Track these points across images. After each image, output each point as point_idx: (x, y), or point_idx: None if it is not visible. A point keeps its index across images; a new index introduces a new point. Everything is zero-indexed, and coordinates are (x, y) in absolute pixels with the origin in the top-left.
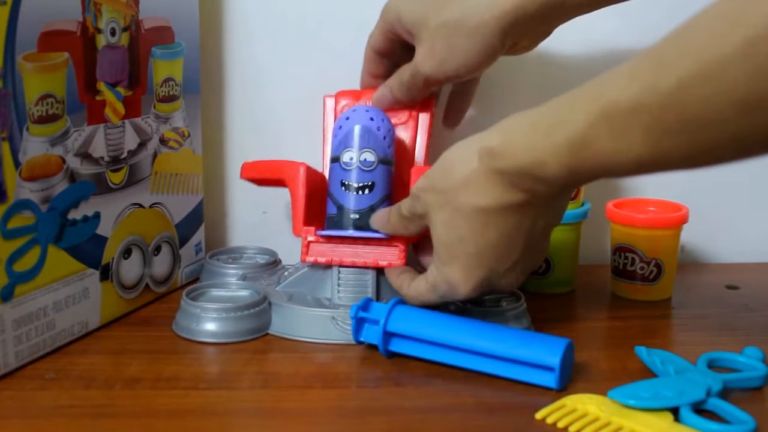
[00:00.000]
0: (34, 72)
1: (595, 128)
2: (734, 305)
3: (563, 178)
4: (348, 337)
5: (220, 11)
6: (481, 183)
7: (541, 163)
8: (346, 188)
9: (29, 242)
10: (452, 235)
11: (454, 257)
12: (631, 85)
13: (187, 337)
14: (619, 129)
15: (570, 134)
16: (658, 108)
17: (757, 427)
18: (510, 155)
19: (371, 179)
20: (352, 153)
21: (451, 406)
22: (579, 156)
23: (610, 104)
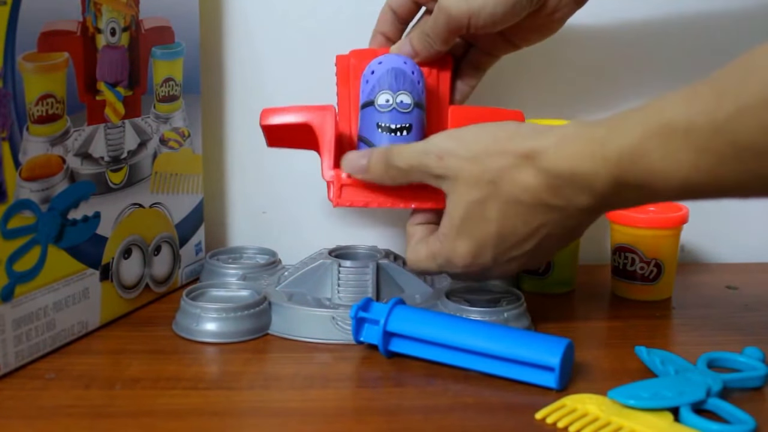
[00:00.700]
0: (34, 72)
1: (648, 143)
2: (734, 305)
3: (608, 191)
4: (348, 337)
5: (220, 11)
6: (527, 178)
7: (592, 173)
8: (382, 129)
9: (29, 242)
10: (479, 214)
11: (471, 234)
12: (688, 106)
13: (187, 337)
14: (670, 148)
15: (623, 146)
16: (713, 132)
17: (757, 427)
18: (562, 160)
19: (409, 121)
20: (388, 95)
21: (451, 406)
22: (627, 168)
23: (665, 122)
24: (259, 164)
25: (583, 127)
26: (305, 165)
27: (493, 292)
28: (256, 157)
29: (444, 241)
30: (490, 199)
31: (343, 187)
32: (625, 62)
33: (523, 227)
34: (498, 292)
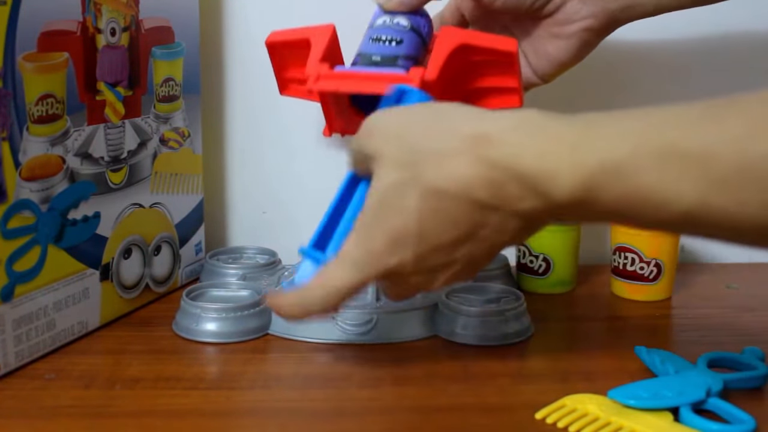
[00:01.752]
0: (34, 72)
1: (641, 161)
2: (734, 305)
3: (568, 202)
4: (348, 336)
5: (220, 11)
6: (458, 166)
7: (552, 175)
8: (374, 41)
9: (29, 242)
10: (397, 201)
11: (387, 222)
12: (705, 131)
13: (187, 337)
14: (673, 173)
15: (605, 157)
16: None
17: (757, 427)
18: (513, 151)
19: (400, 36)
20: (387, 17)
21: (451, 406)
22: (607, 183)
23: (669, 142)
24: (259, 164)
25: (548, 120)
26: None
27: (493, 292)
28: (256, 157)
29: (359, 230)
30: (409, 185)
31: (320, 77)
32: (626, 60)
33: (451, 227)
34: (498, 292)
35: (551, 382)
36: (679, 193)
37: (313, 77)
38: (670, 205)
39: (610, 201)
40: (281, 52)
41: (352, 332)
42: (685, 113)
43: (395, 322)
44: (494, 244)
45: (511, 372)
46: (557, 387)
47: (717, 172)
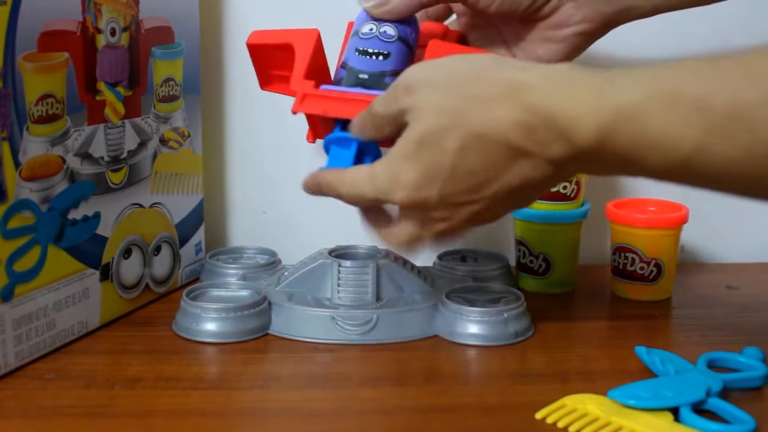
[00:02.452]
0: (34, 72)
1: (650, 105)
2: (734, 305)
3: (589, 146)
4: (348, 336)
5: (220, 11)
6: (500, 111)
7: (576, 119)
8: (360, 53)
9: (29, 242)
10: (437, 142)
11: (421, 160)
12: (705, 81)
13: (187, 337)
14: (675, 118)
15: (621, 101)
16: (730, 117)
17: (757, 427)
18: (548, 97)
19: (387, 49)
20: (373, 25)
21: (451, 406)
22: (620, 127)
23: (674, 89)
24: (259, 164)
25: (577, 70)
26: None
27: (493, 292)
28: (256, 157)
29: (390, 160)
30: (453, 129)
31: (305, 97)
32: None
33: (482, 170)
34: (498, 292)
35: (551, 382)
36: (681, 137)
37: (299, 98)
38: (672, 150)
39: (624, 145)
40: (263, 52)
41: (352, 332)
42: (693, 64)
43: (395, 322)
44: (521, 189)
45: (511, 372)
46: (557, 387)
47: (711, 118)
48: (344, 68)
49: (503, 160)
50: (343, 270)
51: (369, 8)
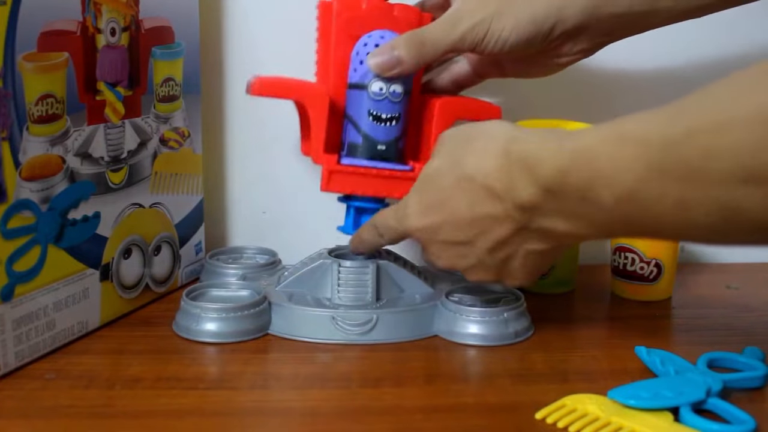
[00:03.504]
0: (34, 72)
1: (600, 147)
2: (734, 305)
3: (549, 182)
4: (348, 337)
5: (220, 11)
6: (489, 158)
7: (541, 158)
8: (374, 119)
9: (29, 242)
10: (437, 180)
11: (423, 191)
12: (646, 122)
13: (187, 338)
14: (620, 155)
15: (579, 143)
16: (662, 148)
17: (757, 427)
18: (526, 145)
19: (398, 111)
20: (382, 83)
21: (451, 406)
22: (576, 166)
23: (620, 132)
24: (259, 164)
25: (556, 130)
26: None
27: (493, 292)
28: (256, 157)
29: (403, 199)
30: (450, 170)
31: (331, 175)
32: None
33: (466, 210)
34: (498, 293)
35: (551, 382)
36: (626, 171)
37: (325, 176)
38: (619, 185)
39: (579, 182)
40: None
41: (352, 332)
42: (641, 112)
43: (395, 322)
44: (502, 243)
45: (511, 372)
46: (557, 387)
47: (650, 154)
48: (353, 125)
49: (482, 205)
50: (343, 270)
51: (380, 72)
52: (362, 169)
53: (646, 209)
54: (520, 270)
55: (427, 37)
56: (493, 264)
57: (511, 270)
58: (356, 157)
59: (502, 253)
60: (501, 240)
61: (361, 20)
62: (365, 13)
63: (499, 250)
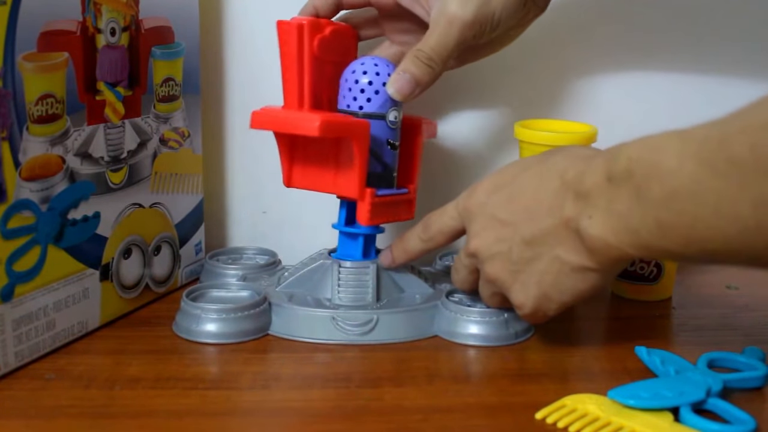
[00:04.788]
0: (34, 72)
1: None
2: (734, 305)
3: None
4: (348, 337)
5: (220, 11)
6: (575, 157)
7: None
8: (391, 147)
9: (29, 242)
10: (521, 163)
11: (500, 173)
12: (710, 124)
13: (187, 338)
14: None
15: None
16: (717, 144)
17: (757, 427)
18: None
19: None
20: (397, 111)
21: (451, 406)
22: (640, 152)
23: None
24: (259, 164)
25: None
26: None
27: None
28: (256, 157)
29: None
30: (536, 160)
31: (372, 207)
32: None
33: (530, 190)
34: None
35: (551, 382)
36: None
37: (368, 209)
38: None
39: (639, 173)
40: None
41: (352, 332)
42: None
43: (395, 323)
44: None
45: (511, 372)
46: (557, 387)
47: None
48: (377, 159)
49: (548, 189)
50: (343, 270)
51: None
52: (388, 198)
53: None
54: (535, 281)
55: (432, 48)
56: (518, 260)
57: (527, 277)
58: (381, 186)
59: (534, 251)
60: (542, 232)
61: (328, 43)
62: (330, 36)
63: (534, 245)
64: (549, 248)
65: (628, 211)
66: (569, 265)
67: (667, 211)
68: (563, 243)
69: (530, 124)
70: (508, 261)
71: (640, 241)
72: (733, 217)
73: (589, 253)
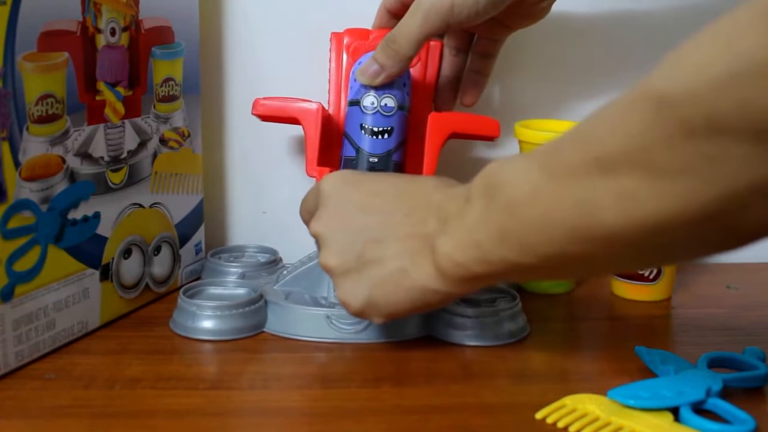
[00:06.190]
0: (34, 72)
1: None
2: (734, 305)
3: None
4: (342, 335)
5: (220, 11)
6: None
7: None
8: (365, 131)
9: (29, 242)
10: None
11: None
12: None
13: (183, 335)
14: (521, 162)
15: (504, 161)
16: (549, 152)
17: (757, 427)
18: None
19: (390, 124)
20: (373, 97)
21: (451, 406)
22: (492, 168)
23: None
24: (259, 164)
25: None
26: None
27: (489, 291)
28: (256, 157)
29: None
30: (402, 178)
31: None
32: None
33: (391, 184)
34: (494, 292)
35: (551, 382)
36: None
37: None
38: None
39: (492, 184)
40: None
41: (346, 331)
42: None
43: (390, 322)
44: (389, 240)
45: (511, 372)
46: (557, 387)
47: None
48: (349, 142)
49: (412, 188)
50: None
51: (368, 82)
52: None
53: (523, 215)
54: (369, 284)
55: (397, 34)
56: (358, 256)
57: (361, 278)
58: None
59: (379, 253)
60: (395, 238)
61: (368, 49)
62: (373, 42)
63: (382, 247)
64: (397, 257)
65: (474, 223)
66: (414, 282)
67: (508, 217)
68: (414, 258)
69: (530, 124)
70: (346, 253)
71: (483, 255)
72: (560, 219)
73: (439, 274)
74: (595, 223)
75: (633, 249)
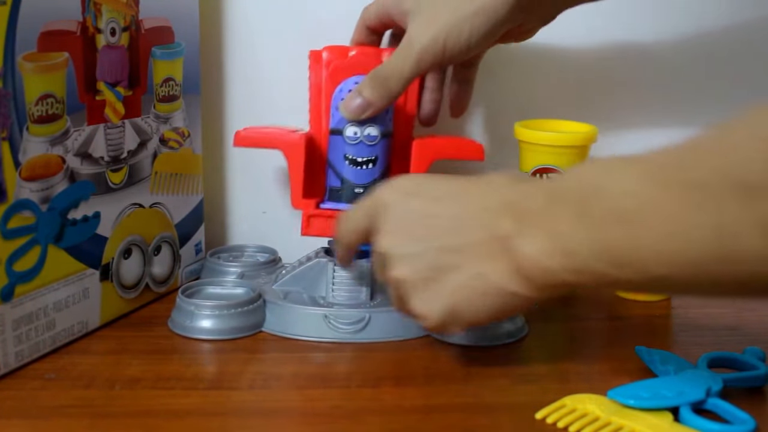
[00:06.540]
0: (34, 72)
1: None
2: (734, 305)
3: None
4: (340, 335)
5: (220, 11)
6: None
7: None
8: (350, 162)
9: (29, 242)
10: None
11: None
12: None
13: (181, 334)
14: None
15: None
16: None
17: (757, 427)
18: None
19: (374, 154)
20: (356, 128)
21: (451, 406)
22: (581, 170)
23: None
24: (259, 164)
25: None
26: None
27: None
28: (256, 157)
29: None
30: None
31: (310, 219)
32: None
33: (460, 186)
34: None
35: (551, 382)
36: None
37: (304, 220)
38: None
39: (581, 191)
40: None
41: (345, 331)
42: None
43: (387, 322)
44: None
45: (511, 372)
46: (557, 387)
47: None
48: (333, 171)
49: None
50: (338, 269)
51: (353, 117)
52: (332, 212)
53: (632, 232)
54: (449, 292)
55: (388, 72)
56: (432, 266)
57: (439, 286)
58: (337, 201)
59: (454, 260)
60: (469, 244)
61: (348, 67)
62: (353, 60)
63: (457, 254)
64: (473, 263)
65: (568, 230)
66: (494, 286)
67: (614, 232)
68: (492, 261)
69: (530, 124)
70: (418, 264)
71: (576, 264)
72: (695, 242)
73: (521, 277)
74: (736, 250)
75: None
